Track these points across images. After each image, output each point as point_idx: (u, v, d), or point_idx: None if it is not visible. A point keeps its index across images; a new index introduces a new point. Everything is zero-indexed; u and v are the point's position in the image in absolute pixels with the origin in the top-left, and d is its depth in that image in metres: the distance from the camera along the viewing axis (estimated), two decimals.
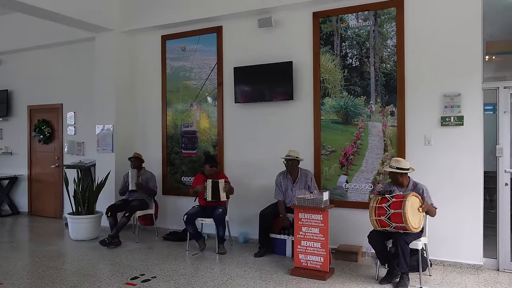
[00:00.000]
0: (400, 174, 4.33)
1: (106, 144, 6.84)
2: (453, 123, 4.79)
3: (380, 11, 5.16)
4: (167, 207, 6.67)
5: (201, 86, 6.43)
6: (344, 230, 5.29)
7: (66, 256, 5.46)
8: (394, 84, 5.08)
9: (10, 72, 8.62)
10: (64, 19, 6.11)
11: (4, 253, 5.51)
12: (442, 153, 4.85)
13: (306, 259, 4.56)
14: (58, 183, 7.86)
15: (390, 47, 5.12)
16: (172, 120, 6.69)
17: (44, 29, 7.42)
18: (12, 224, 7.61)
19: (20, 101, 8.52)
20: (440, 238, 4.76)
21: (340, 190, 5.38)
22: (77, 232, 6.14)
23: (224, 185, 5.46)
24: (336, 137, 5.42)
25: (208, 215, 5.48)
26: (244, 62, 5.96)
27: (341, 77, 5.40)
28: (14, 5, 5.51)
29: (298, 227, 4.62)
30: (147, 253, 5.44)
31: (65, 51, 7.78)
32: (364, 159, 5.25)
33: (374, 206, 4.15)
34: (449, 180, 4.80)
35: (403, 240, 4.03)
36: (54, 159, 8.02)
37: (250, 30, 5.97)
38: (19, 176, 8.46)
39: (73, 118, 7.80)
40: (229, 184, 5.54)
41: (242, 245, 5.84)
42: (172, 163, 6.69)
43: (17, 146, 8.57)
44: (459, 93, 4.75)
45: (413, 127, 4.99)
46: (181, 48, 6.60)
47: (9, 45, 8.17)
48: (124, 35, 6.91)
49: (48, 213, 8.07)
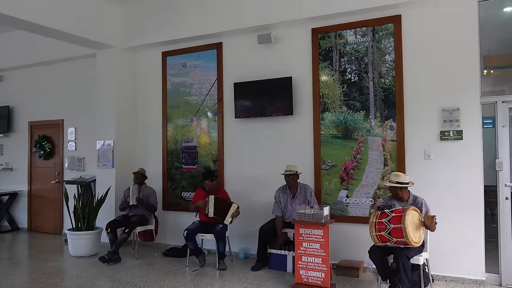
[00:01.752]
0: (400, 188, 4.32)
1: (107, 160, 6.85)
2: (453, 137, 4.80)
3: (378, 27, 5.23)
4: (167, 222, 6.65)
5: (202, 101, 6.47)
6: (345, 245, 5.26)
7: (65, 272, 5.42)
8: (393, 99, 5.12)
9: (11, 88, 8.68)
10: (66, 36, 6.18)
11: (3, 270, 5.47)
12: (442, 167, 4.86)
13: (307, 275, 4.52)
14: (58, 199, 7.85)
15: (389, 62, 5.17)
16: (173, 135, 6.72)
17: (46, 46, 7.51)
18: (12, 240, 7.57)
19: (21, 117, 8.56)
20: (442, 253, 4.74)
21: (341, 205, 5.37)
22: (77, 248, 6.10)
23: (235, 211, 5.43)
24: (336, 152, 5.44)
25: (208, 230, 5.46)
26: (244, 77, 6.01)
27: (340, 92, 5.44)
28: (16, 23, 5.58)
29: (299, 243, 4.59)
30: (147, 269, 5.40)
31: (66, 67, 7.85)
32: (364, 173, 5.26)
33: (374, 222, 4.13)
34: (449, 194, 4.79)
35: (404, 255, 4.01)
36: (54, 175, 8.02)
37: (250, 46, 6.03)
38: (19, 192, 8.44)
39: (74, 133, 7.82)
40: (239, 210, 5.48)
41: (243, 260, 5.80)
42: (173, 178, 6.69)
43: (18, 162, 8.57)
44: (458, 108, 4.78)
45: (413, 141, 5.01)
46: (182, 64, 6.67)
47: (11, 62, 8.25)
48: (125, 52, 6.98)
49: (48, 229, 8.03)
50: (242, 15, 5.85)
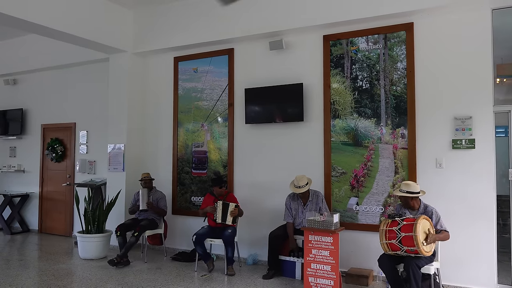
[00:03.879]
0: (411, 198, 4.29)
1: (117, 163, 6.91)
2: (465, 146, 4.76)
3: (390, 35, 5.22)
4: (176, 227, 6.67)
5: (212, 106, 6.50)
6: (354, 253, 5.23)
7: (75, 275, 5.46)
8: (404, 107, 5.10)
9: (25, 91, 8.82)
10: (79, 40, 6.27)
11: (14, 271, 5.53)
12: (454, 176, 4.81)
13: (316, 282, 4.50)
14: (69, 201, 7.92)
15: (400, 70, 5.15)
16: (183, 140, 6.75)
17: (59, 50, 7.63)
18: (22, 241, 7.64)
19: (34, 119, 8.67)
20: (453, 262, 4.68)
21: (351, 212, 5.34)
22: (87, 251, 6.15)
23: (233, 209, 5.44)
24: (346, 159, 5.42)
25: (217, 235, 5.46)
26: (255, 83, 6.04)
27: (351, 99, 5.43)
28: (32, 27, 5.69)
29: (308, 250, 4.58)
30: (155, 273, 5.42)
31: (79, 71, 7.95)
32: (375, 181, 5.23)
33: (385, 230, 4.10)
34: (461, 204, 4.74)
35: (415, 264, 3.97)
36: (65, 177, 8.10)
37: (261, 52, 6.06)
38: (30, 194, 8.54)
39: (86, 137, 7.90)
40: (237, 209, 5.48)
41: (251, 266, 5.78)
42: (182, 183, 6.72)
43: (30, 164, 8.67)
44: (470, 116, 4.74)
45: (424, 149, 4.98)
46: (193, 69, 6.71)
47: (25, 66, 8.38)
48: (137, 56, 7.05)
49: (58, 231, 8.10)
50: (254, 22, 5.89)
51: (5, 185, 8.95)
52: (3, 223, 8.31)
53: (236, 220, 5.55)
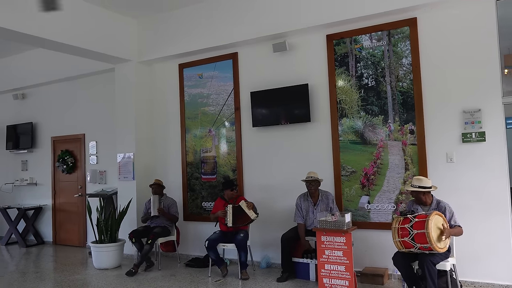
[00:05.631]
0: (423, 192, 4.25)
1: (127, 172, 6.95)
2: (475, 139, 4.71)
3: (393, 31, 5.19)
4: (188, 233, 6.68)
5: (219, 111, 6.51)
6: (368, 252, 5.19)
7: (90, 285, 5.49)
8: (411, 102, 5.05)
9: (34, 105, 8.92)
10: (85, 52, 6.34)
11: (30, 284, 5.57)
12: (465, 170, 4.76)
13: (331, 283, 4.47)
14: (82, 212, 7.99)
15: (406, 66, 5.11)
16: (191, 146, 6.77)
17: (65, 63, 7.72)
18: (37, 254, 7.72)
19: (44, 132, 8.77)
20: (469, 258, 4.62)
21: (362, 211, 5.30)
22: (101, 261, 6.18)
23: (247, 204, 5.42)
24: (355, 158, 5.39)
25: (229, 240, 5.46)
26: (260, 86, 6.04)
27: (358, 97, 5.40)
28: (37, 41, 5.78)
29: (321, 251, 4.55)
30: (169, 280, 5.43)
31: (86, 82, 8.03)
32: (385, 178, 5.19)
33: (397, 227, 4.06)
34: (474, 198, 4.68)
35: (430, 261, 3.92)
36: (77, 188, 8.16)
37: (265, 55, 6.06)
38: (43, 206, 8.62)
39: (95, 147, 7.96)
40: (249, 202, 5.49)
41: (265, 270, 5.77)
42: (192, 189, 6.73)
43: (42, 177, 8.77)
44: (479, 109, 4.69)
45: (434, 144, 4.93)
46: (198, 75, 6.74)
47: (32, 80, 8.47)
48: (143, 65, 7.10)
49: (72, 242, 8.17)
50: (257, 25, 5.89)
51: (18, 198, 9.04)
52: (18, 236, 8.40)
53: (256, 211, 5.50)
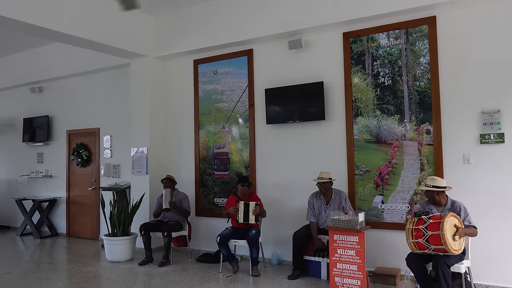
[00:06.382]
0: (437, 192, 4.19)
1: (141, 167, 7.00)
2: (493, 140, 4.62)
3: (411, 29, 5.12)
4: (200, 228, 6.70)
5: (233, 108, 6.51)
6: (381, 252, 5.14)
7: (102, 277, 5.55)
8: (428, 102, 4.99)
9: (50, 98, 9.04)
10: (102, 47, 6.39)
11: (44, 274, 5.66)
12: (483, 172, 4.68)
13: (342, 282, 4.45)
14: (95, 205, 8.07)
15: (423, 65, 5.04)
16: (205, 142, 6.79)
17: (83, 57, 7.79)
18: (51, 245, 7.83)
19: (59, 126, 8.87)
20: (484, 261, 4.54)
21: (376, 210, 5.25)
22: (113, 254, 6.24)
23: (254, 208, 5.43)
24: (370, 157, 5.34)
25: (241, 236, 5.46)
26: (275, 83, 6.02)
27: (374, 96, 5.35)
28: (57, 36, 5.84)
29: (333, 249, 4.53)
30: (181, 275, 5.46)
31: (102, 77, 8.10)
32: (400, 178, 5.13)
33: (411, 228, 4.01)
34: (492, 200, 4.60)
35: (444, 263, 3.87)
36: (91, 182, 8.25)
37: (281, 52, 6.03)
38: (58, 199, 8.74)
39: (110, 141, 8.03)
40: (260, 207, 5.49)
41: (276, 267, 5.76)
42: (205, 185, 6.75)
43: (57, 169, 8.88)
44: (499, 110, 4.60)
45: (451, 145, 4.85)
46: (213, 71, 6.74)
47: (49, 74, 8.58)
48: (158, 61, 7.14)
49: (86, 234, 8.26)
50: (272, 21, 5.87)
51: (33, 190, 9.18)
52: (33, 227, 8.53)
53: (258, 218, 5.54)
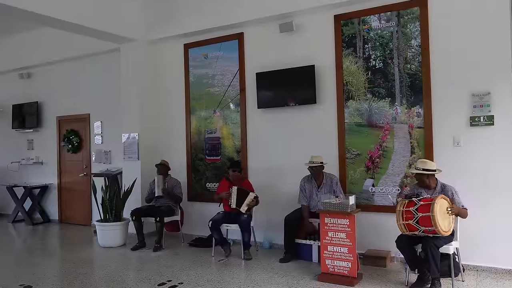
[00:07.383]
0: (427, 175, 4.21)
1: (132, 152, 6.96)
2: (483, 123, 4.64)
3: (403, 11, 5.08)
4: (192, 213, 6.71)
5: (224, 92, 6.46)
6: (371, 234, 5.19)
7: (95, 262, 5.56)
8: (419, 85, 4.98)
9: (39, 84, 8.92)
10: (90, 31, 6.29)
11: (37, 260, 5.66)
12: (473, 154, 4.70)
13: (333, 264, 4.49)
14: (87, 191, 8.04)
15: (415, 47, 5.02)
16: (196, 127, 6.75)
17: (70, 42, 7.67)
18: (44, 231, 7.82)
19: (49, 112, 8.78)
20: (473, 242, 4.60)
21: (367, 194, 5.28)
22: (105, 239, 6.25)
23: (251, 200, 5.44)
24: (361, 140, 5.34)
25: (233, 221, 5.48)
26: (266, 67, 5.97)
27: (365, 79, 5.33)
28: (43, 19, 5.71)
29: (324, 232, 4.56)
30: (173, 259, 5.48)
31: (91, 62, 7.99)
32: (391, 162, 5.15)
33: (401, 210, 4.05)
34: (481, 182, 4.64)
35: (433, 244, 3.91)
36: (82, 168, 8.21)
37: (272, 36, 5.97)
38: (49, 185, 8.70)
39: (100, 127, 7.97)
40: (255, 201, 5.50)
41: (268, 250, 5.80)
42: (197, 170, 6.73)
43: (47, 156, 8.82)
44: (489, 92, 4.61)
45: (441, 128, 4.87)
46: (203, 55, 6.67)
47: (38, 59, 8.46)
48: (148, 45, 7.04)
49: (78, 220, 8.25)
50: (263, 4, 5.79)
51: (24, 177, 9.12)
52: (25, 214, 8.50)
53: (251, 210, 5.55)
